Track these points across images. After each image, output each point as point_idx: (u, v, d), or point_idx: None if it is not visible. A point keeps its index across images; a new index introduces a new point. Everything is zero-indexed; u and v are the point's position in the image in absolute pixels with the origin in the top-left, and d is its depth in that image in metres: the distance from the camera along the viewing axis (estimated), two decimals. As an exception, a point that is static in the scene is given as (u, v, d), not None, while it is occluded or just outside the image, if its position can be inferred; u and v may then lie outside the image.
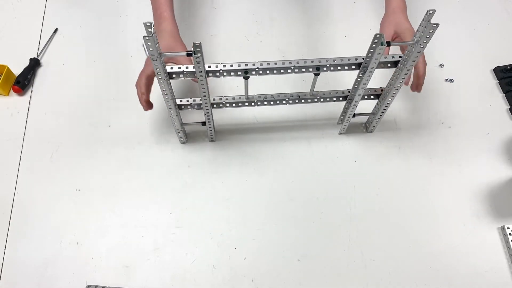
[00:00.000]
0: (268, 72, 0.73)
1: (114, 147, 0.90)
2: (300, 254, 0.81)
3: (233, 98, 0.82)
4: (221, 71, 0.72)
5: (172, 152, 0.89)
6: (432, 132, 0.92)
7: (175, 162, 0.88)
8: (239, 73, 0.72)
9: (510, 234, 0.80)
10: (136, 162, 0.88)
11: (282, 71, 0.73)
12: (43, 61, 0.99)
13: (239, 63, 0.71)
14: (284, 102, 0.83)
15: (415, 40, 0.66)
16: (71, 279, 0.78)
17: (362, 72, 0.74)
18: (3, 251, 0.80)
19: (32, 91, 0.96)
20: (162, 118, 0.93)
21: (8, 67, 0.93)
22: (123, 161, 0.88)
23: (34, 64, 0.97)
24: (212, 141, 0.90)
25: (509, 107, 0.94)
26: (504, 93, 0.95)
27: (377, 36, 0.65)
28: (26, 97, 0.95)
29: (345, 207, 0.84)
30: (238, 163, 0.89)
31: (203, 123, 0.85)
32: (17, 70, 0.95)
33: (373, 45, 0.67)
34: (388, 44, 0.68)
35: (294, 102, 0.83)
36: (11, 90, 0.95)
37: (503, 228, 0.81)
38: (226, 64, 0.71)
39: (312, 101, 0.83)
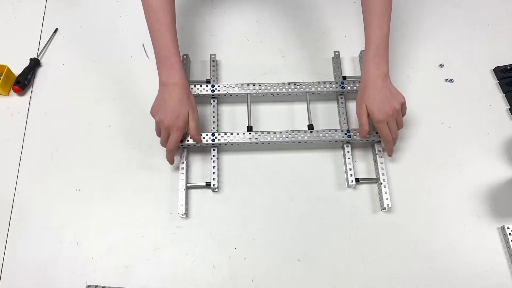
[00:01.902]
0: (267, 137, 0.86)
1: (114, 147, 0.90)
2: (300, 254, 0.81)
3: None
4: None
5: (172, 152, 0.89)
6: (432, 132, 0.91)
7: (175, 162, 0.88)
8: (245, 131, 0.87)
9: (510, 234, 0.80)
10: (136, 162, 0.88)
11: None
12: (43, 61, 0.99)
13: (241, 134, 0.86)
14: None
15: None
16: (71, 279, 0.79)
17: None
18: (3, 251, 0.81)
19: (32, 91, 0.96)
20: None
21: (8, 67, 0.93)
22: (123, 161, 0.88)
23: (34, 64, 0.97)
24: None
25: (509, 107, 0.94)
26: (504, 93, 0.95)
27: None
28: (26, 97, 0.95)
29: (345, 207, 0.84)
30: (239, 163, 0.89)
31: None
32: (17, 70, 0.95)
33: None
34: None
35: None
36: (11, 90, 0.95)
37: (503, 228, 0.81)
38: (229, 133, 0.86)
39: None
